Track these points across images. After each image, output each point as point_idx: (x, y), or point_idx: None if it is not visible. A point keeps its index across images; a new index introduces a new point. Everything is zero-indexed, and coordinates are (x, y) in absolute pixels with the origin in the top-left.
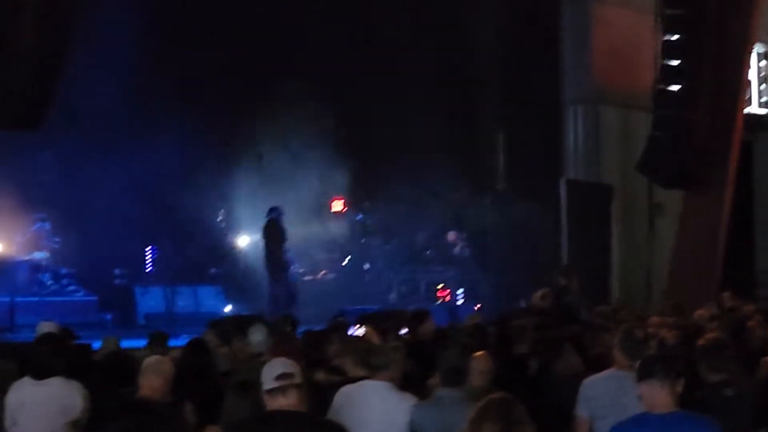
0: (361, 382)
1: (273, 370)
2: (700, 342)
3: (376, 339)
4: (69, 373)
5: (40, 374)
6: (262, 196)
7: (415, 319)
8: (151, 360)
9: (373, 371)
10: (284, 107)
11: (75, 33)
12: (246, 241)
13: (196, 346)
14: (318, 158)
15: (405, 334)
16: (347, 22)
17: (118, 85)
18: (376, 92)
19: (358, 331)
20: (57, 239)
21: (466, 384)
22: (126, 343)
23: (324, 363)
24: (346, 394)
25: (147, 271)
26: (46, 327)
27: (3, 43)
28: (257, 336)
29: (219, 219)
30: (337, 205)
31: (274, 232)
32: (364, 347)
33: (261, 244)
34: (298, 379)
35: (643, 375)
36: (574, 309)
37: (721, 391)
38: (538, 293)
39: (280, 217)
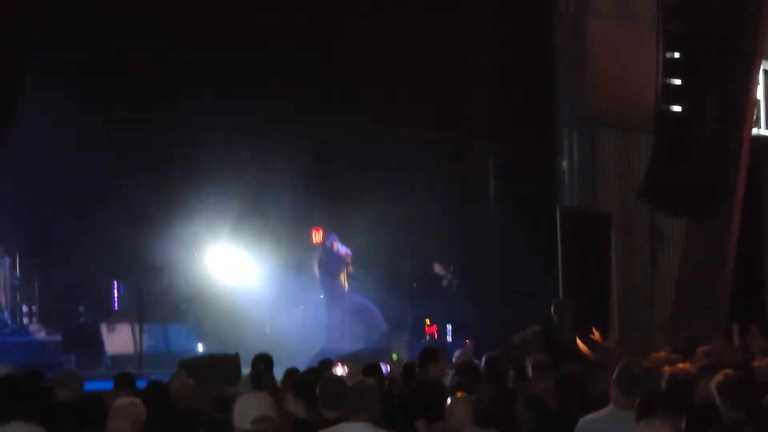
0: (338, 426)
1: (251, 411)
2: (719, 377)
3: (360, 378)
4: (31, 417)
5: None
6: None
7: (425, 358)
8: (120, 402)
9: (348, 411)
10: (259, 133)
11: (34, 50)
12: (219, 277)
13: (154, 388)
14: (295, 187)
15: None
16: (331, 43)
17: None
18: (357, 114)
19: (340, 370)
20: (17, 275)
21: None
22: (91, 386)
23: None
24: None
25: (113, 308)
26: (2, 369)
27: None
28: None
29: (194, 254)
30: (317, 236)
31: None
32: (338, 387)
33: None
34: (275, 422)
35: (644, 413)
36: (567, 347)
37: (740, 430)
38: (527, 331)
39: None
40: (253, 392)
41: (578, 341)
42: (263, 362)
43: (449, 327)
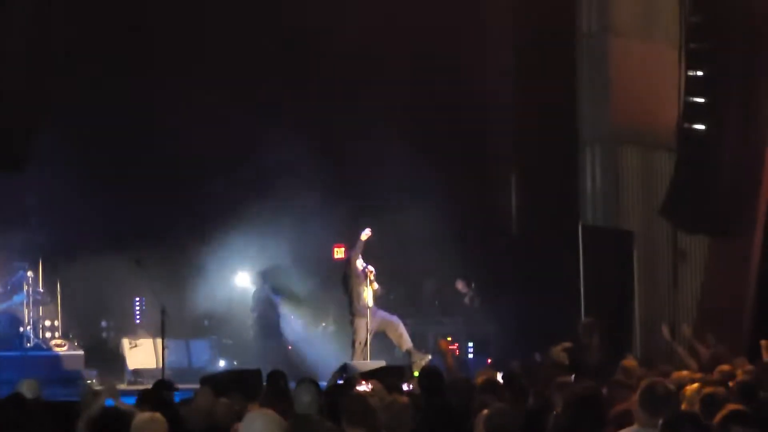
0: None
1: (271, 426)
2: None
3: (385, 395)
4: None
5: None
6: (258, 245)
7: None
8: (140, 419)
9: (380, 430)
10: (281, 151)
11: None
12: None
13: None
14: (317, 204)
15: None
16: (355, 60)
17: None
18: (380, 131)
19: (365, 387)
20: (40, 290)
21: None
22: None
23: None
24: None
25: (135, 323)
26: (26, 385)
27: None
28: (305, 397)
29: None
30: (339, 253)
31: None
32: (363, 405)
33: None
34: None
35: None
36: (595, 367)
37: None
38: (559, 347)
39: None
40: (261, 410)
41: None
42: (282, 378)
43: (471, 344)
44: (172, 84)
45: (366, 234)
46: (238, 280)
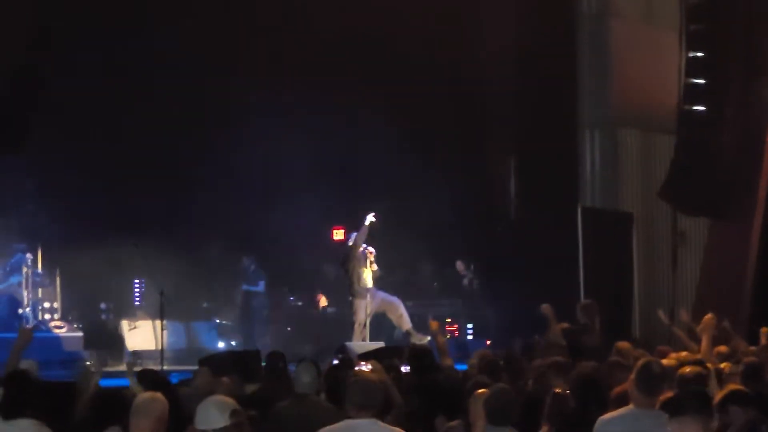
0: (343, 423)
1: (224, 407)
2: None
3: (384, 375)
4: (51, 413)
5: (9, 413)
6: (257, 228)
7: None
8: (141, 398)
9: (359, 409)
10: (281, 133)
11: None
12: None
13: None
14: (316, 186)
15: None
16: (360, 46)
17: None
18: (379, 114)
19: (364, 368)
20: (39, 271)
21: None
22: (114, 382)
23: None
24: None
25: (135, 305)
26: (24, 366)
27: None
28: (306, 377)
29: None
30: (339, 235)
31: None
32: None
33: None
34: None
35: (675, 411)
36: (594, 349)
37: (757, 428)
38: (557, 328)
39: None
40: (213, 396)
41: None
42: (281, 359)
43: (470, 326)
44: (172, 69)
45: (370, 218)
46: (238, 262)
